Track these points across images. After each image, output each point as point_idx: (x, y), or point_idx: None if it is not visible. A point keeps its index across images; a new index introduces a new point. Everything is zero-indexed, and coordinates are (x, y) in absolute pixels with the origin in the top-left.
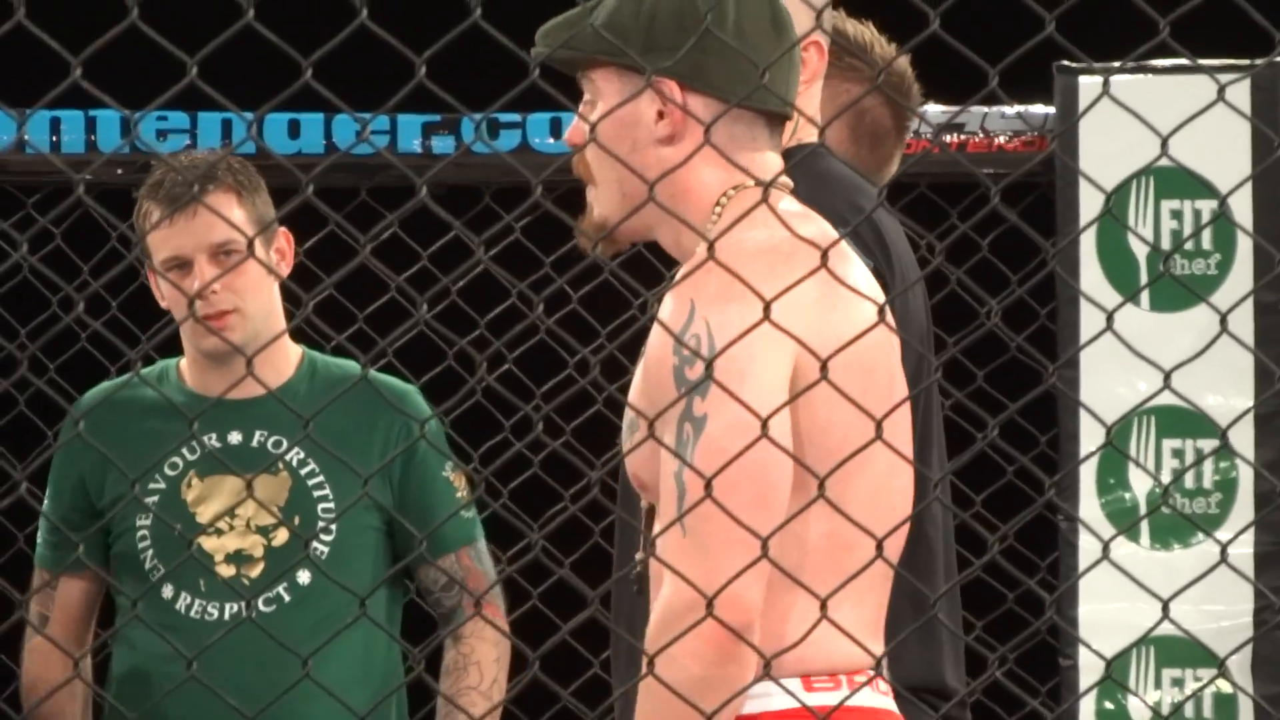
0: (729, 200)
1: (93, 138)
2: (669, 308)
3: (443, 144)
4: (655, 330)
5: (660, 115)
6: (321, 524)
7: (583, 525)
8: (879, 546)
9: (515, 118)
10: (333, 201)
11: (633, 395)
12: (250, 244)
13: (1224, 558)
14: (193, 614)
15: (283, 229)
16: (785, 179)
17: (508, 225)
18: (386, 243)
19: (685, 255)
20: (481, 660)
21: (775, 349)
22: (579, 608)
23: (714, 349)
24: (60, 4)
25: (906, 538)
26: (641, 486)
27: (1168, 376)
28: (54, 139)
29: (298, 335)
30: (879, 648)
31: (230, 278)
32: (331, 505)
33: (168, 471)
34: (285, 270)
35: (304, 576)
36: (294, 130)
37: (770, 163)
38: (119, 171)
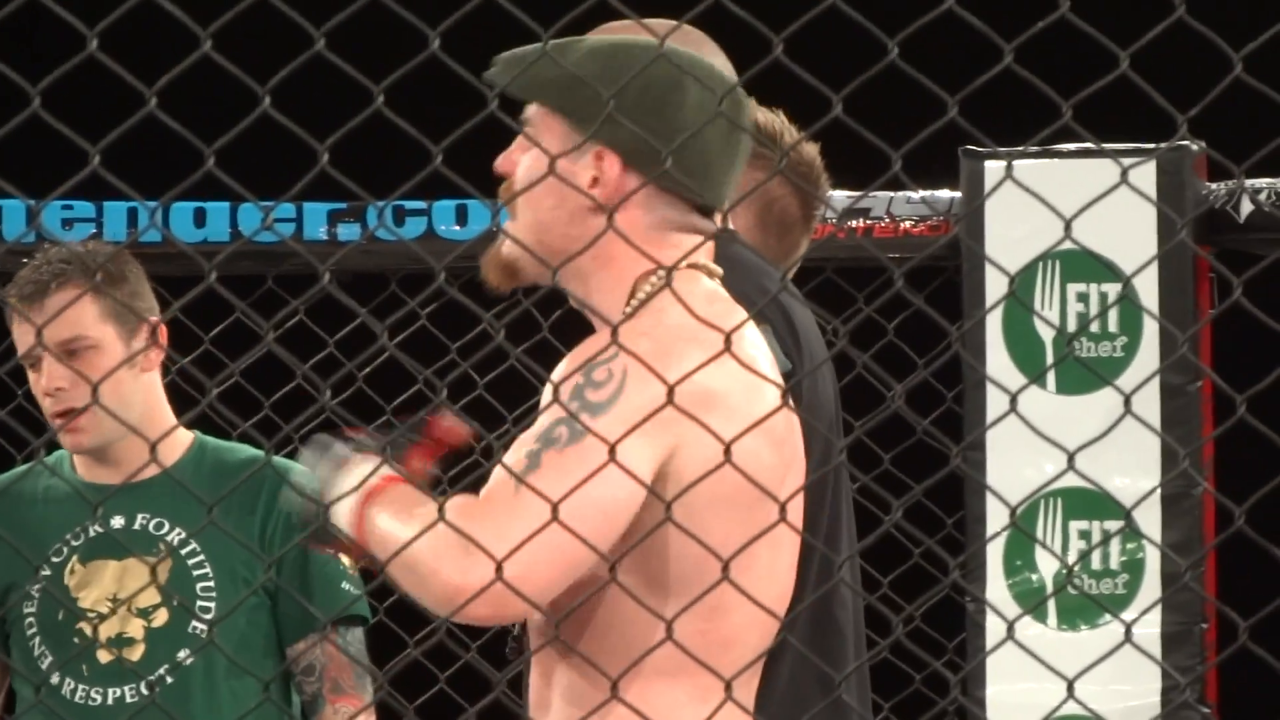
0: (659, 281)
1: None
2: (593, 340)
3: (348, 231)
4: (571, 354)
5: (594, 181)
6: (201, 602)
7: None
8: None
9: (421, 205)
10: (239, 289)
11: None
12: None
13: (1128, 637)
14: (77, 699)
15: (155, 319)
16: (716, 267)
17: (413, 311)
18: (293, 330)
19: (595, 313)
20: None
21: (661, 437)
22: (488, 690)
23: (621, 390)
24: None
25: (813, 626)
26: None
27: (1071, 458)
28: None
29: (203, 423)
30: None
31: (76, 379)
32: (211, 584)
33: (53, 559)
34: (155, 361)
35: (183, 654)
36: (199, 219)
37: (693, 242)
38: (24, 261)
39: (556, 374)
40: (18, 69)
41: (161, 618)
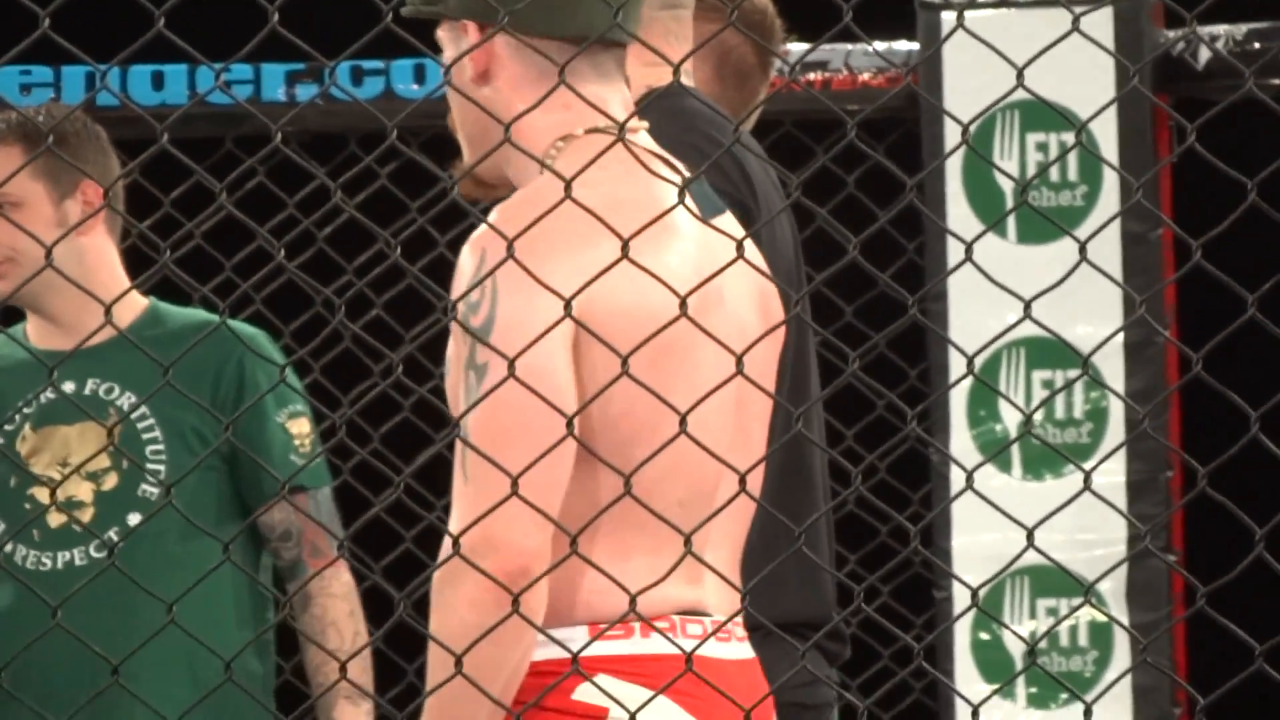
0: (565, 146)
1: None
2: (463, 256)
3: (306, 92)
4: (456, 272)
5: (475, 64)
6: (151, 465)
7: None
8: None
9: (378, 65)
10: (197, 152)
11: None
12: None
13: (1087, 484)
14: (28, 565)
15: (89, 182)
16: (636, 120)
17: (371, 170)
18: (252, 193)
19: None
20: (336, 619)
21: (553, 309)
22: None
23: (495, 300)
24: None
25: (787, 476)
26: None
27: (1028, 306)
28: None
29: (162, 286)
30: (697, 594)
31: (2, 229)
32: (161, 448)
33: (5, 427)
34: (92, 225)
35: (133, 519)
36: (158, 82)
37: (608, 97)
38: None
39: (461, 259)
40: None
41: (111, 481)
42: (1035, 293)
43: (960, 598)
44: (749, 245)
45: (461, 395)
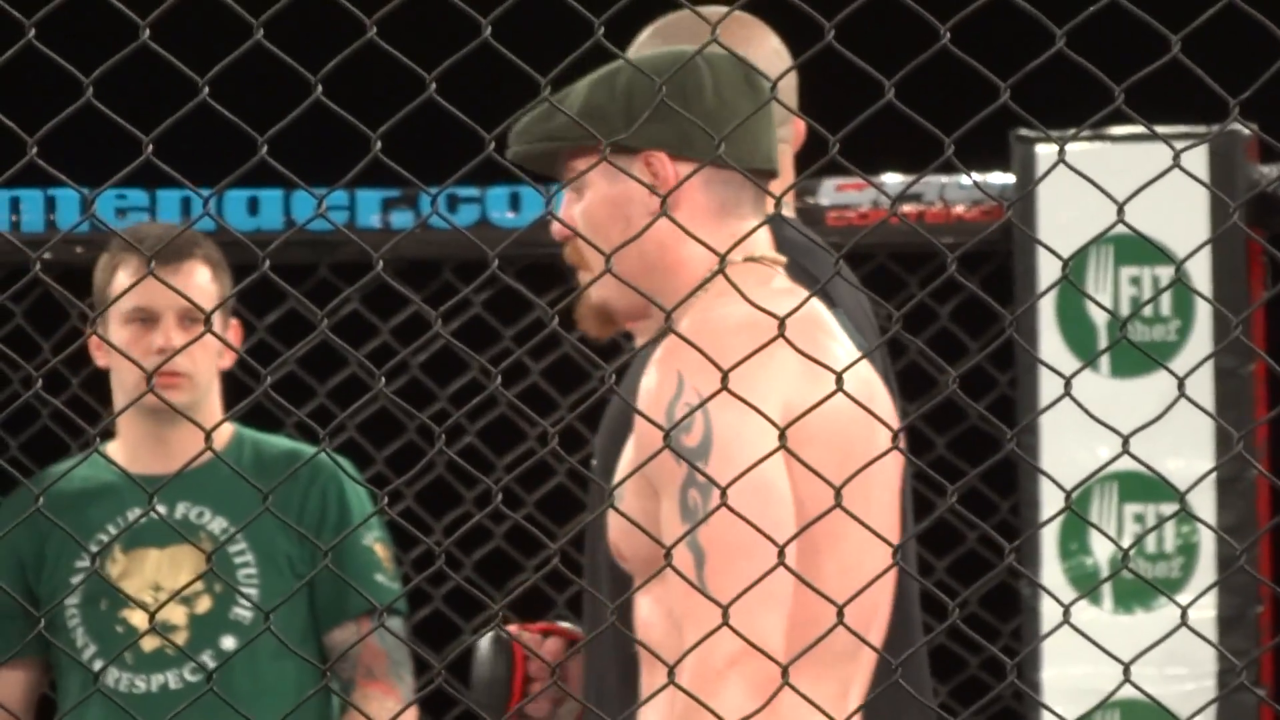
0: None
1: (52, 216)
2: (654, 381)
3: (402, 219)
4: (644, 404)
5: (653, 189)
6: (244, 589)
7: (547, 598)
8: (839, 614)
9: (474, 192)
10: (292, 278)
11: (620, 468)
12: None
13: (1184, 620)
14: (120, 687)
15: (234, 321)
16: (776, 254)
17: (466, 299)
18: (347, 319)
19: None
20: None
21: (767, 423)
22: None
23: (708, 418)
24: (17, 84)
25: (894, 617)
26: (620, 557)
27: (1126, 440)
28: (13, 218)
29: (257, 413)
30: None
31: (173, 345)
32: (254, 571)
33: (94, 549)
34: (230, 356)
35: (227, 641)
36: (253, 207)
37: (761, 232)
38: (78, 250)
39: (649, 384)
40: (70, 59)
41: (204, 605)
42: (1128, 426)
43: None
44: (874, 375)
45: (678, 515)
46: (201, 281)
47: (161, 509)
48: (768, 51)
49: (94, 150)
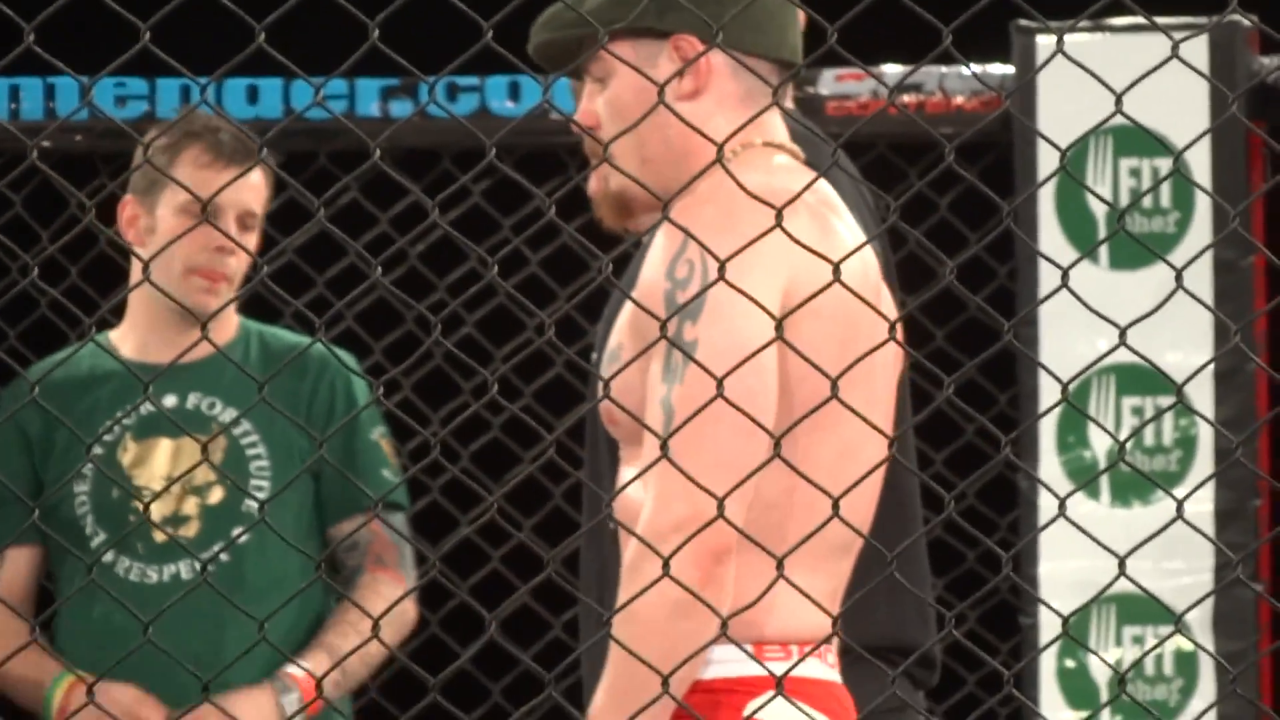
0: (735, 157)
1: (51, 104)
2: (661, 238)
3: (401, 108)
4: (648, 260)
5: (682, 75)
6: (255, 481)
7: (543, 489)
8: (835, 507)
9: (474, 81)
10: (293, 166)
11: (613, 336)
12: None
13: (1180, 514)
14: (131, 577)
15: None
16: (794, 146)
17: (465, 188)
18: (345, 207)
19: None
20: (367, 596)
21: (765, 282)
22: (540, 570)
23: (706, 275)
24: None
25: (887, 501)
26: (612, 422)
27: (1123, 333)
28: (12, 106)
29: (256, 303)
30: (826, 619)
31: (233, 246)
32: (266, 464)
33: (105, 438)
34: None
35: (238, 531)
36: (252, 95)
37: (778, 119)
38: (77, 138)
39: (645, 274)
40: None
41: (216, 495)
42: (1127, 319)
43: (1047, 624)
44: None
45: (661, 369)
46: (258, 182)
47: (172, 399)
48: None
49: (93, 38)
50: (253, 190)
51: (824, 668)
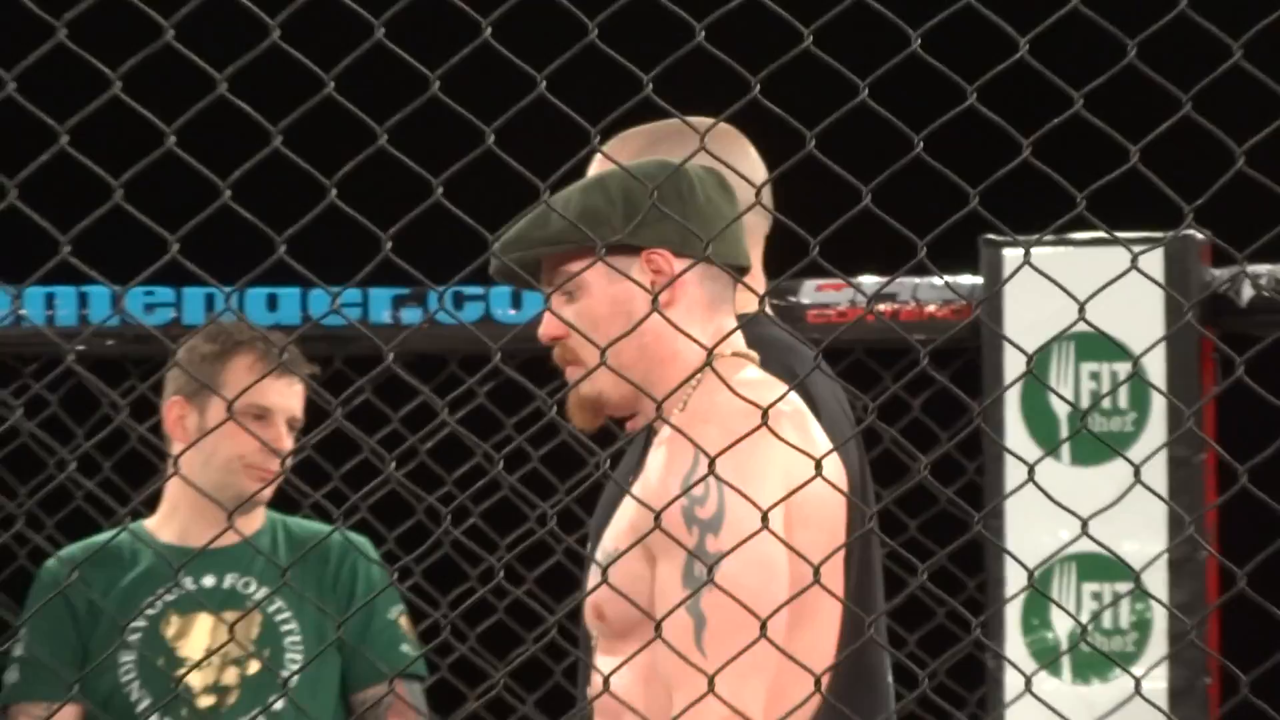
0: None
1: (84, 311)
2: (669, 456)
3: (411, 315)
4: (654, 472)
5: (653, 284)
6: (289, 655)
7: (545, 668)
8: (817, 684)
9: (478, 290)
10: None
11: (608, 539)
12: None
13: (1138, 690)
14: None
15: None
16: (751, 352)
17: (471, 389)
18: (360, 408)
19: (666, 415)
20: None
21: (774, 495)
22: None
23: (722, 493)
24: (51, 184)
25: (851, 680)
26: (599, 617)
27: (1085, 524)
28: (48, 313)
29: (278, 492)
30: None
31: (283, 447)
32: (298, 638)
33: (148, 612)
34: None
35: (278, 703)
36: (272, 303)
37: (731, 325)
38: (109, 343)
39: (652, 484)
40: (100, 162)
41: (254, 666)
42: (1088, 511)
43: None
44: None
45: (680, 580)
46: (300, 391)
47: (210, 580)
48: (751, 160)
49: (123, 249)
50: (298, 398)
51: None
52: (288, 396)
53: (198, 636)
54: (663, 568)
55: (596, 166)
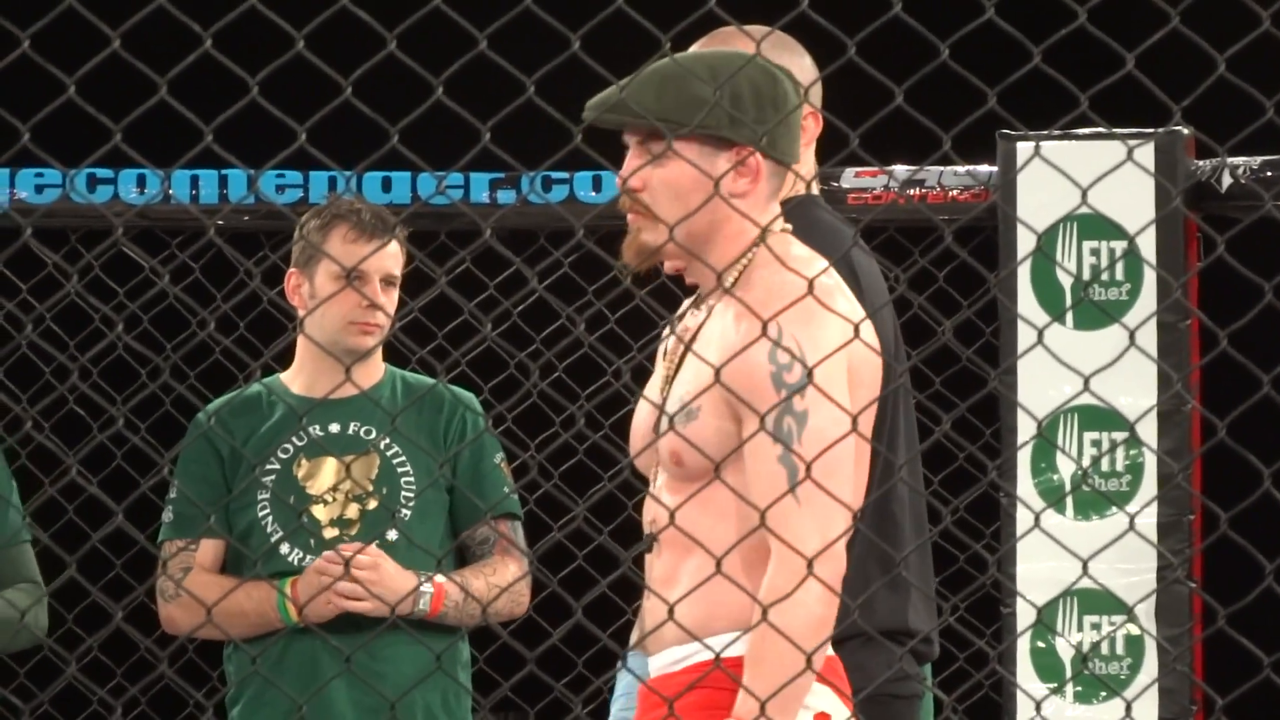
0: (760, 243)
1: (224, 191)
2: (746, 324)
3: (506, 196)
4: (741, 341)
5: (736, 175)
6: (405, 493)
7: (619, 501)
8: (859, 515)
9: (564, 175)
10: (418, 242)
11: (691, 390)
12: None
13: (1132, 525)
14: (303, 565)
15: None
16: (786, 224)
17: (558, 260)
18: (461, 276)
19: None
20: (497, 569)
21: (840, 362)
22: (614, 568)
23: (805, 359)
24: (194, 79)
25: (876, 515)
26: (677, 462)
27: (1087, 381)
28: (193, 193)
29: (388, 352)
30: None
31: (387, 302)
32: (412, 479)
33: (281, 455)
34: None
35: (392, 534)
36: (386, 185)
37: (776, 210)
38: (245, 218)
39: (738, 350)
40: (238, 60)
41: (373, 503)
42: (1089, 370)
43: (1022, 613)
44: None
45: (771, 433)
46: (395, 251)
47: (336, 427)
48: (805, 63)
49: (258, 136)
50: (391, 258)
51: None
52: (381, 257)
53: (324, 477)
54: (748, 424)
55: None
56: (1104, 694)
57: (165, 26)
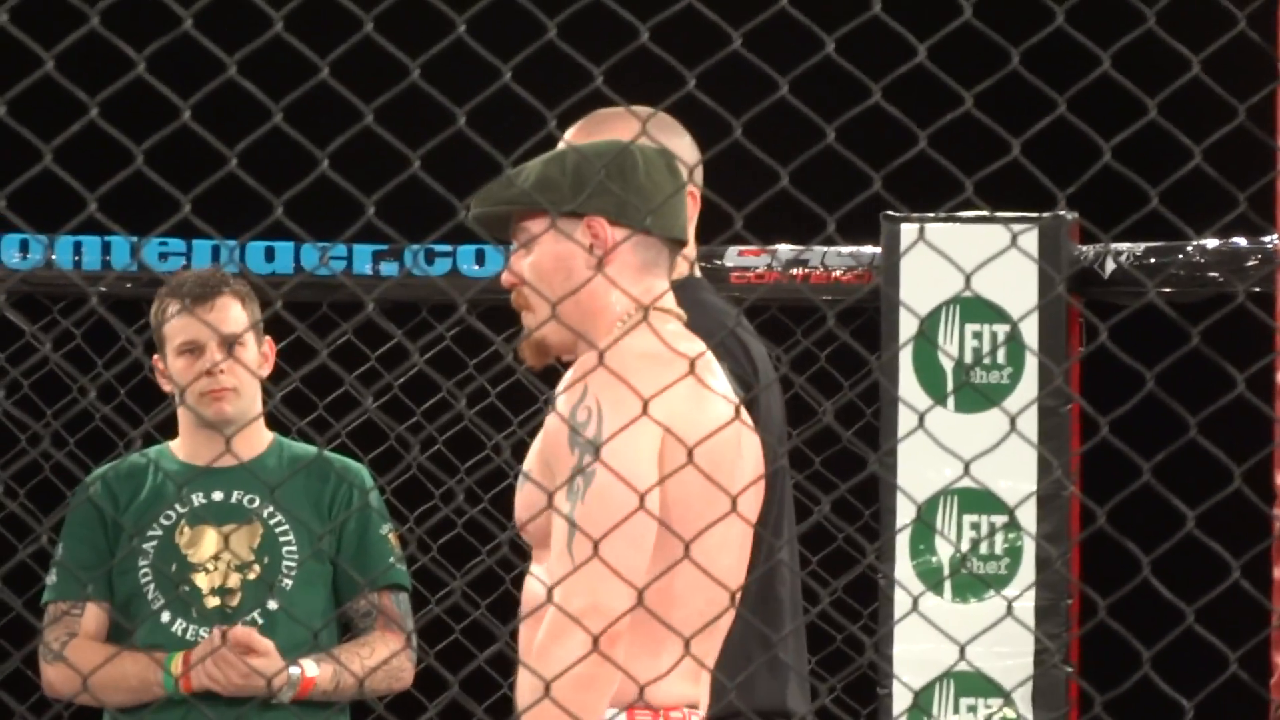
0: (629, 319)
1: (107, 258)
2: (565, 388)
3: (389, 268)
4: (556, 404)
5: (591, 247)
6: (287, 563)
7: (496, 576)
8: (731, 599)
9: (448, 248)
10: (299, 313)
11: (528, 461)
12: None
13: (1010, 609)
14: (187, 636)
15: (268, 337)
16: (677, 307)
17: (439, 334)
18: (343, 347)
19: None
20: (375, 647)
21: (648, 431)
22: (493, 642)
23: (601, 419)
24: (79, 146)
25: (759, 597)
26: (524, 530)
27: (967, 465)
28: (76, 259)
29: (270, 422)
30: (697, 691)
31: (232, 363)
32: (294, 549)
33: (164, 523)
34: (268, 369)
35: (273, 604)
36: (270, 255)
37: (662, 288)
38: (128, 286)
39: (551, 420)
40: (122, 128)
41: (255, 573)
42: (969, 453)
43: (899, 696)
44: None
45: (565, 494)
46: (234, 313)
47: (219, 495)
48: (685, 144)
49: (142, 206)
50: (224, 319)
51: None
52: (217, 321)
53: (206, 545)
54: (556, 485)
55: (565, 144)
56: None
57: (49, 93)
